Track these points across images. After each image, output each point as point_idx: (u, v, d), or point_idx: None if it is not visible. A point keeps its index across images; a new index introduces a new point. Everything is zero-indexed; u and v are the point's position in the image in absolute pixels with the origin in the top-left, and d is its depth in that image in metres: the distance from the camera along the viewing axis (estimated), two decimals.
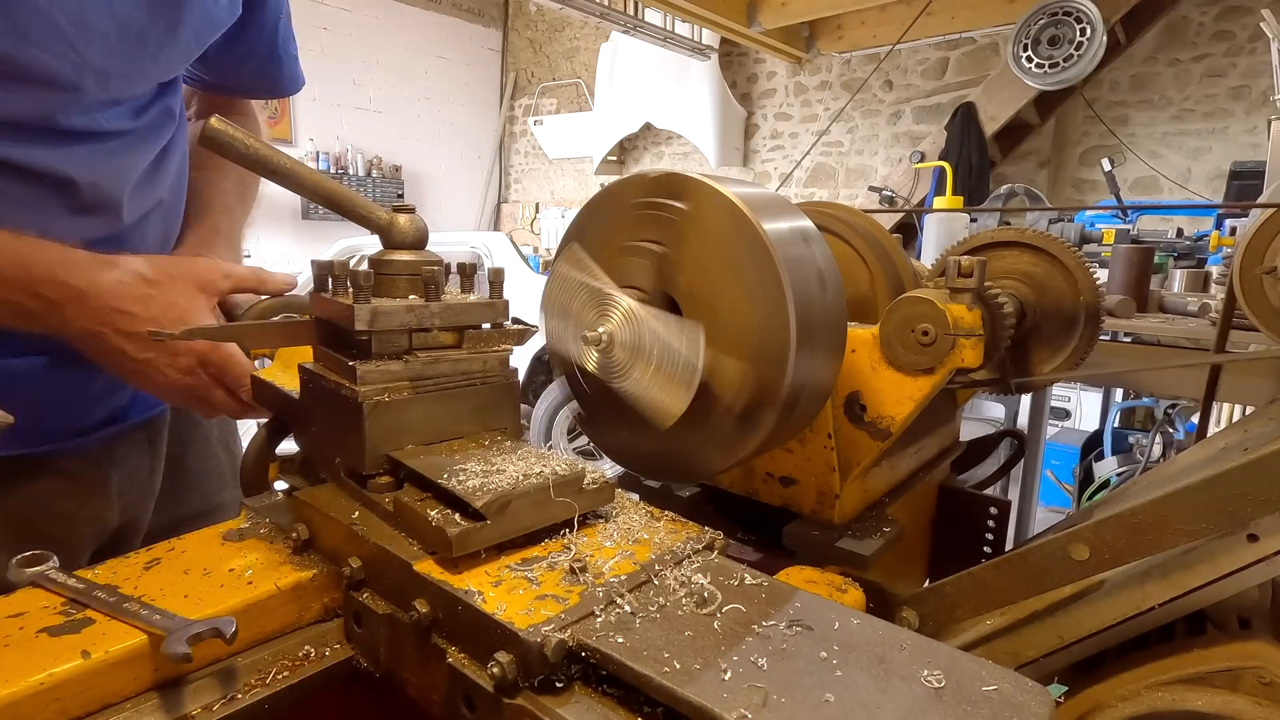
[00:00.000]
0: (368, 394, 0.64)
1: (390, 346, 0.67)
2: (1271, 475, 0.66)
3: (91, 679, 0.51)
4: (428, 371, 0.68)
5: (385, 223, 0.70)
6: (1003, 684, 0.45)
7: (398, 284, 0.70)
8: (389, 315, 0.66)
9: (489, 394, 0.73)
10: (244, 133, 0.64)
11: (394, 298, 0.69)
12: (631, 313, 0.72)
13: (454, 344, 0.71)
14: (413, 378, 0.68)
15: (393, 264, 0.70)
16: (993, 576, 0.80)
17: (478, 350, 0.72)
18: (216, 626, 0.53)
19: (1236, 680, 0.74)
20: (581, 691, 0.49)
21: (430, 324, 0.68)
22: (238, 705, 0.55)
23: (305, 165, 0.68)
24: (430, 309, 0.68)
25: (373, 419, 0.65)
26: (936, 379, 0.82)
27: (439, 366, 0.69)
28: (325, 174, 0.84)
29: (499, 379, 0.73)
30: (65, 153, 0.84)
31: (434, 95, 8.87)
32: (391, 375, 0.66)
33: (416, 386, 0.68)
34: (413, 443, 0.68)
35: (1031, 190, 4.97)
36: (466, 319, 0.71)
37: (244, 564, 0.65)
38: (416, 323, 0.68)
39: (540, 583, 0.55)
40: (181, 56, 0.96)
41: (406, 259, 0.70)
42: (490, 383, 0.73)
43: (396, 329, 0.67)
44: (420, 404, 0.68)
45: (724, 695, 0.43)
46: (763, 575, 0.58)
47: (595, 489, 0.64)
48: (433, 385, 0.69)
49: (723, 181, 0.71)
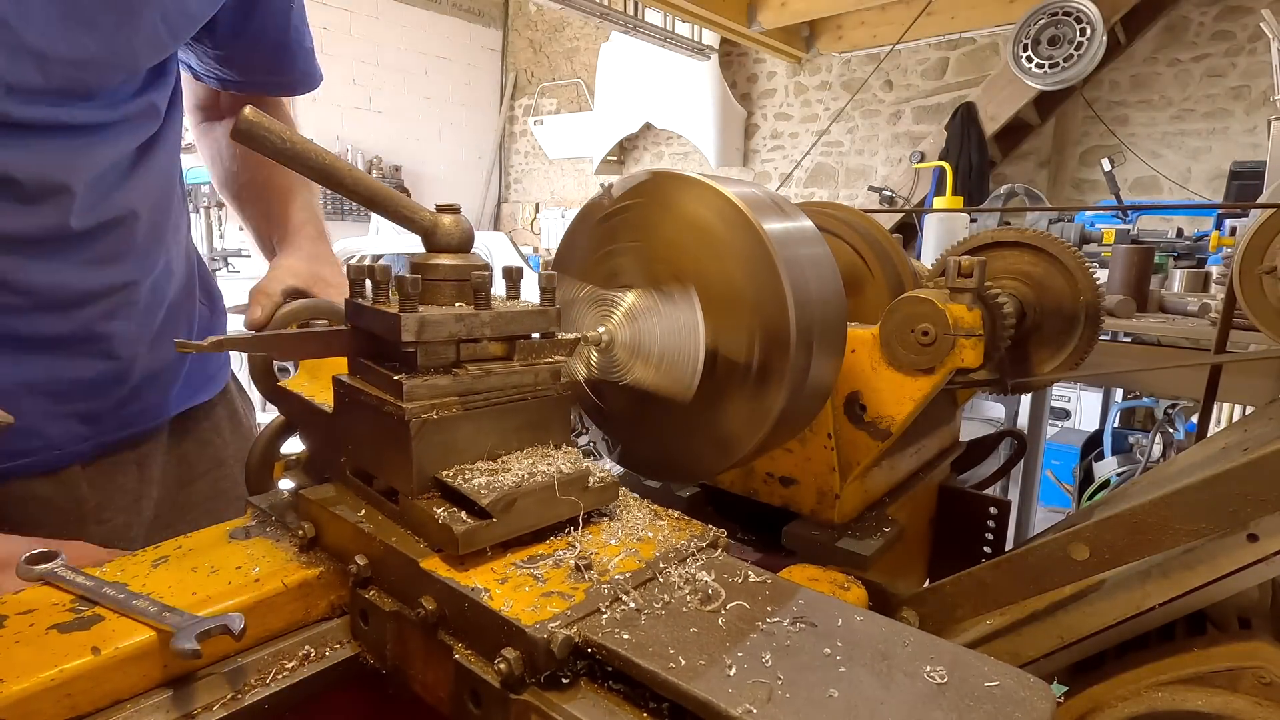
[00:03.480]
0: (415, 411, 0.59)
1: (438, 359, 0.62)
2: (1271, 475, 0.66)
3: (102, 675, 0.52)
4: (477, 386, 0.63)
5: (429, 224, 0.66)
6: (1005, 680, 0.45)
7: (443, 290, 0.65)
8: (438, 325, 0.61)
9: (540, 409, 0.67)
10: (280, 125, 0.59)
11: (439, 305, 0.64)
12: (632, 310, 0.73)
13: (503, 355, 0.66)
14: (462, 392, 0.62)
15: (438, 269, 0.65)
16: (993, 576, 0.80)
17: (529, 362, 0.66)
18: (225, 623, 0.54)
19: (1236, 680, 0.74)
20: (588, 687, 0.49)
21: (480, 334, 0.63)
22: (245, 702, 0.56)
23: (344, 161, 0.64)
24: (481, 318, 0.63)
25: (420, 438, 0.60)
26: (936, 379, 0.82)
27: (489, 380, 0.64)
28: (364, 172, 0.80)
29: (550, 392, 0.68)
30: (8, 144, 0.76)
31: (434, 95, 8.88)
32: (440, 390, 0.61)
33: (466, 402, 0.62)
34: (460, 461, 0.63)
35: (1031, 190, 4.97)
36: (517, 328, 0.66)
37: (251, 562, 0.65)
38: (466, 333, 0.62)
39: (546, 580, 0.55)
40: (150, 46, 0.86)
41: (452, 263, 0.65)
42: (541, 397, 0.67)
43: (445, 339, 0.62)
44: (469, 421, 0.63)
45: (729, 691, 0.44)
46: (766, 573, 0.58)
47: (600, 487, 0.64)
48: (482, 400, 0.63)
49: (714, 179, 0.73)
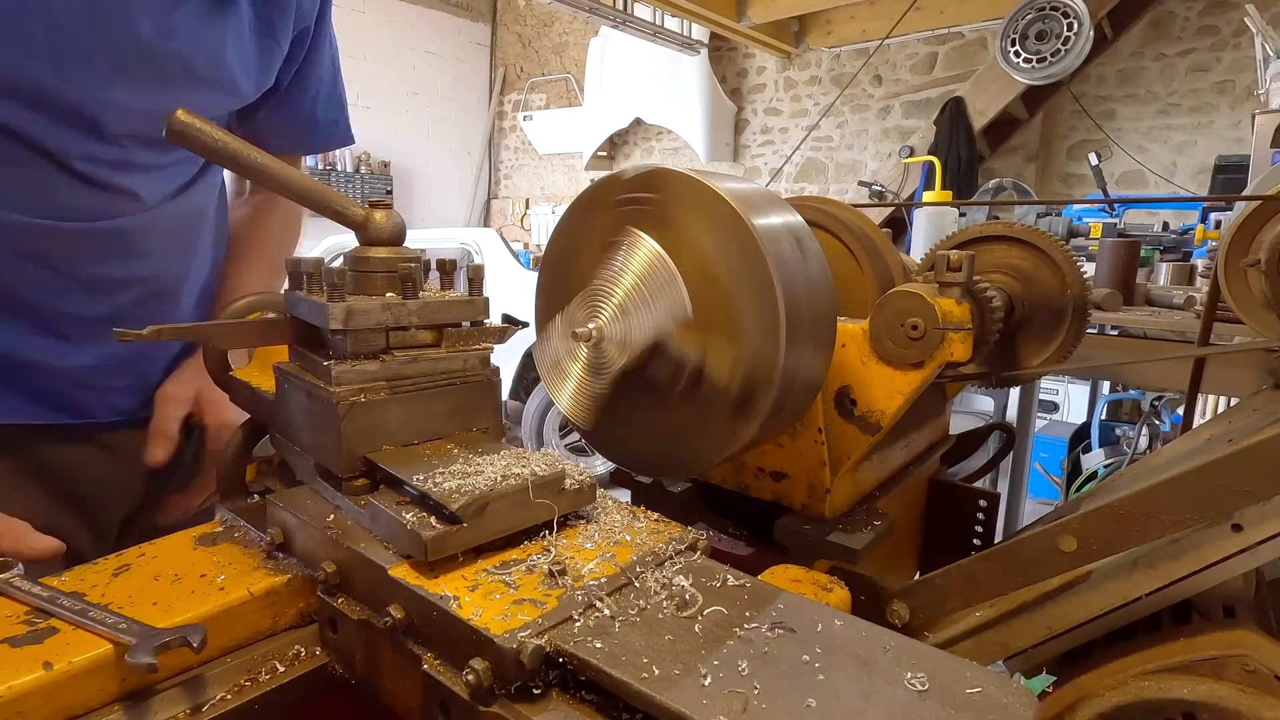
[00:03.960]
0: (343, 394, 0.63)
1: (366, 346, 0.65)
2: (1255, 466, 0.66)
3: (54, 690, 0.50)
4: (405, 371, 0.67)
5: (361, 219, 0.69)
6: (987, 686, 0.44)
7: (374, 281, 0.68)
8: (365, 314, 0.64)
9: (469, 393, 0.71)
10: (212, 125, 0.62)
11: (371, 295, 0.67)
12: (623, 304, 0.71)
13: (433, 342, 0.70)
14: (390, 377, 0.66)
15: (369, 261, 0.68)
16: (982, 568, 0.80)
17: (457, 349, 0.70)
18: (184, 635, 0.52)
19: (1221, 668, 0.74)
20: (559, 698, 0.48)
21: (408, 322, 0.67)
22: (206, 717, 0.54)
23: (277, 160, 0.66)
24: (408, 307, 0.67)
25: (349, 420, 0.63)
26: (926, 373, 0.82)
27: (417, 366, 0.67)
28: (302, 170, 0.82)
29: (480, 377, 0.72)
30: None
31: (422, 91, 8.80)
32: (368, 375, 0.65)
33: (394, 386, 0.66)
34: (390, 444, 0.66)
35: (1020, 184, 4.99)
36: (445, 317, 0.70)
37: (216, 569, 0.63)
38: (393, 321, 0.66)
39: (518, 586, 0.54)
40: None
41: (383, 256, 0.68)
42: (470, 381, 0.71)
43: (373, 327, 0.65)
44: (398, 404, 0.66)
45: (703, 701, 0.42)
46: (745, 576, 0.57)
47: (576, 490, 0.62)
48: (411, 385, 0.67)
49: (701, 173, 0.70)
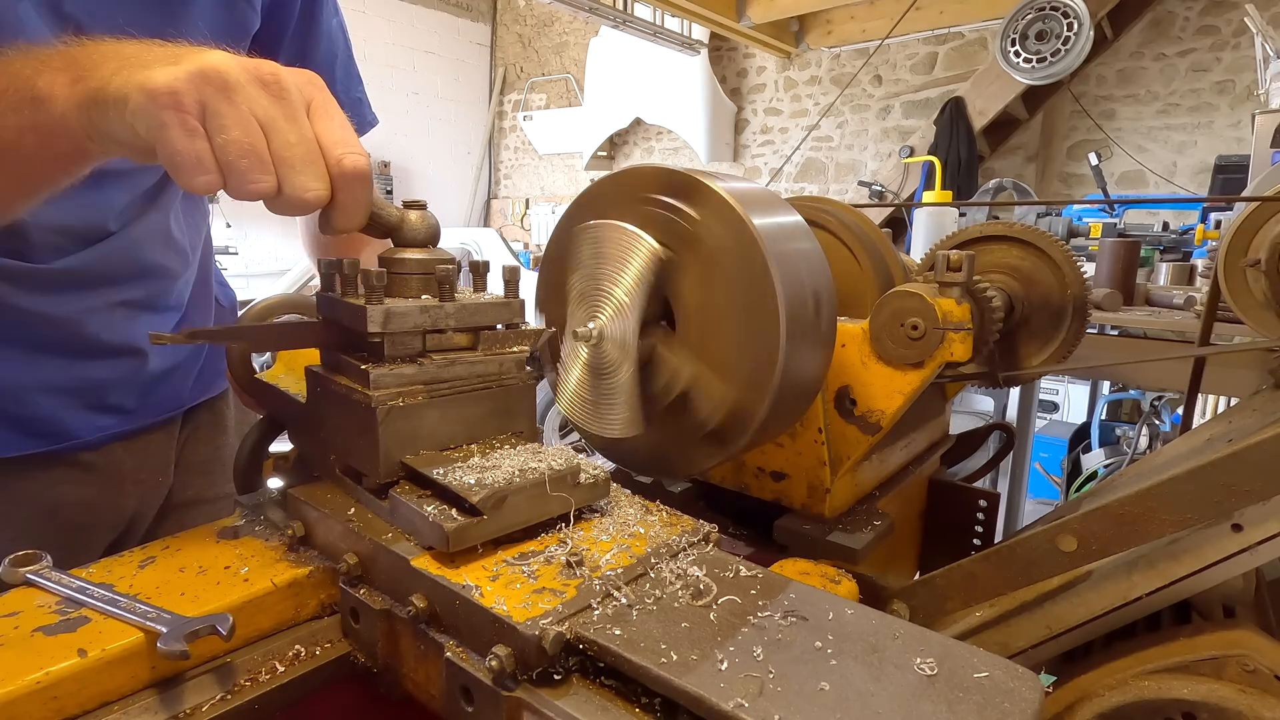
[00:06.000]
0: (381, 399, 0.62)
1: (404, 349, 0.65)
2: (1255, 466, 0.67)
3: (89, 677, 0.51)
4: (443, 375, 0.66)
5: (396, 220, 0.68)
6: (994, 671, 0.46)
7: (410, 283, 0.67)
8: (403, 316, 0.64)
9: (505, 397, 0.70)
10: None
11: (406, 298, 0.67)
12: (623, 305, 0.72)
13: (469, 345, 0.69)
14: (428, 381, 0.65)
15: (404, 263, 0.67)
16: (982, 568, 0.80)
17: (493, 352, 0.69)
18: (213, 623, 0.53)
19: (1221, 668, 0.75)
20: (579, 683, 0.49)
21: (445, 325, 0.67)
22: (235, 702, 0.55)
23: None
24: (445, 309, 0.66)
25: (387, 425, 0.62)
26: (926, 373, 0.83)
27: (454, 369, 0.67)
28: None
29: (515, 381, 0.71)
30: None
31: (422, 90, 8.80)
32: (405, 379, 0.64)
33: (431, 390, 0.65)
34: (426, 448, 0.65)
35: (1020, 184, 4.99)
36: (482, 319, 0.69)
37: (239, 561, 0.65)
38: (431, 324, 0.66)
39: (537, 577, 0.55)
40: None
41: (419, 257, 0.68)
42: (506, 385, 0.70)
43: (410, 330, 0.65)
44: (435, 408, 0.66)
45: (720, 685, 0.44)
46: (757, 567, 0.58)
47: (591, 483, 0.64)
48: (448, 389, 0.66)
49: (742, 199, 0.70)
